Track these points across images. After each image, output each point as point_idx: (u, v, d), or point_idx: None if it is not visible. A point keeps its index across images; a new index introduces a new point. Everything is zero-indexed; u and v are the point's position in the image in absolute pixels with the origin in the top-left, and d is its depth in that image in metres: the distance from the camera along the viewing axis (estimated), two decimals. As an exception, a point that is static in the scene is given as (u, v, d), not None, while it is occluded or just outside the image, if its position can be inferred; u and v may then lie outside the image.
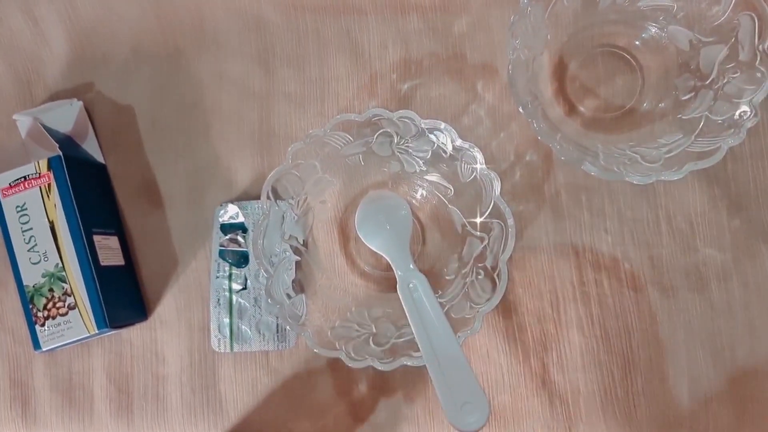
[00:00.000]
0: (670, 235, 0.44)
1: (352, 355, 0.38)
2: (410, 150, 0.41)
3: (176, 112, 0.47)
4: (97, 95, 0.47)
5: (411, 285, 0.39)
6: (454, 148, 0.39)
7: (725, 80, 0.41)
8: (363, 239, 0.42)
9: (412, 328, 0.38)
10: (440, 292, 0.41)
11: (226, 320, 0.44)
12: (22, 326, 0.46)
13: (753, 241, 0.44)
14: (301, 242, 0.42)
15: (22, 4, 0.48)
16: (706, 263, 0.44)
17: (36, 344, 0.41)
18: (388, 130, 0.40)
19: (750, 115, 0.39)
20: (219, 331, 0.44)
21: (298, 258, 0.42)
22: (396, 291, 0.39)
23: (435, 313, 0.38)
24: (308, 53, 0.47)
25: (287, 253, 0.41)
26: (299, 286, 0.41)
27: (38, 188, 0.42)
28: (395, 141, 0.41)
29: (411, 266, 0.40)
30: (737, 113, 0.40)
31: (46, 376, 0.46)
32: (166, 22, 0.48)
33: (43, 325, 0.41)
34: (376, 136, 0.40)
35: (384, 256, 0.42)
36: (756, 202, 0.44)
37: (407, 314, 0.38)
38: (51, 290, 0.41)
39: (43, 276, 0.41)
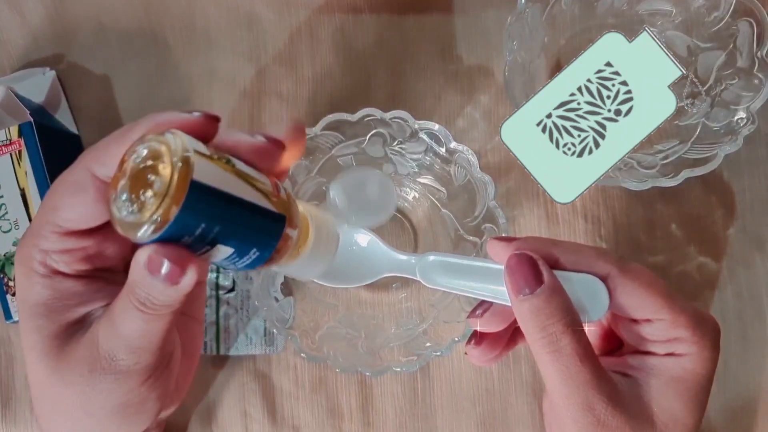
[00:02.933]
0: (665, 242, 0.44)
1: (340, 360, 0.37)
2: (403, 151, 0.40)
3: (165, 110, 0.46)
4: (83, 93, 0.46)
5: (425, 274, 0.33)
6: (447, 150, 0.38)
7: (723, 87, 0.40)
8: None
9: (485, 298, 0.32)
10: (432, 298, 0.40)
11: (213, 323, 0.43)
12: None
13: (747, 250, 0.44)
14: (291, 244, 0.42)
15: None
16: (700, 271, 0.44)
17: (7, 315, 0.40)
18: (381, 131, 0.39)
19: (747, 122, 0.39)
20: (205, 334, 0.43)
21: (287, 260, 0.41)
22: (388, 292, 0.38)
23: (469, 272, 0.32)
24: (301, 51, 0.46)
25: (276, 254, 0.40)
26: (287, 288, 0.40)
27: (9, 155, 0.41)
28: (388, 142, 0.40)
29: (413, 260, 0.33)
30: (734, 120, 0.39)
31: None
32: (155, 18, 0.47)
33: (14, 294, 0.40)
34: (368, 136, 0.39)
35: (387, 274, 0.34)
36: (751, 211, 0.44)
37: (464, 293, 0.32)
38: None
39: (14, 244, 0.40)
